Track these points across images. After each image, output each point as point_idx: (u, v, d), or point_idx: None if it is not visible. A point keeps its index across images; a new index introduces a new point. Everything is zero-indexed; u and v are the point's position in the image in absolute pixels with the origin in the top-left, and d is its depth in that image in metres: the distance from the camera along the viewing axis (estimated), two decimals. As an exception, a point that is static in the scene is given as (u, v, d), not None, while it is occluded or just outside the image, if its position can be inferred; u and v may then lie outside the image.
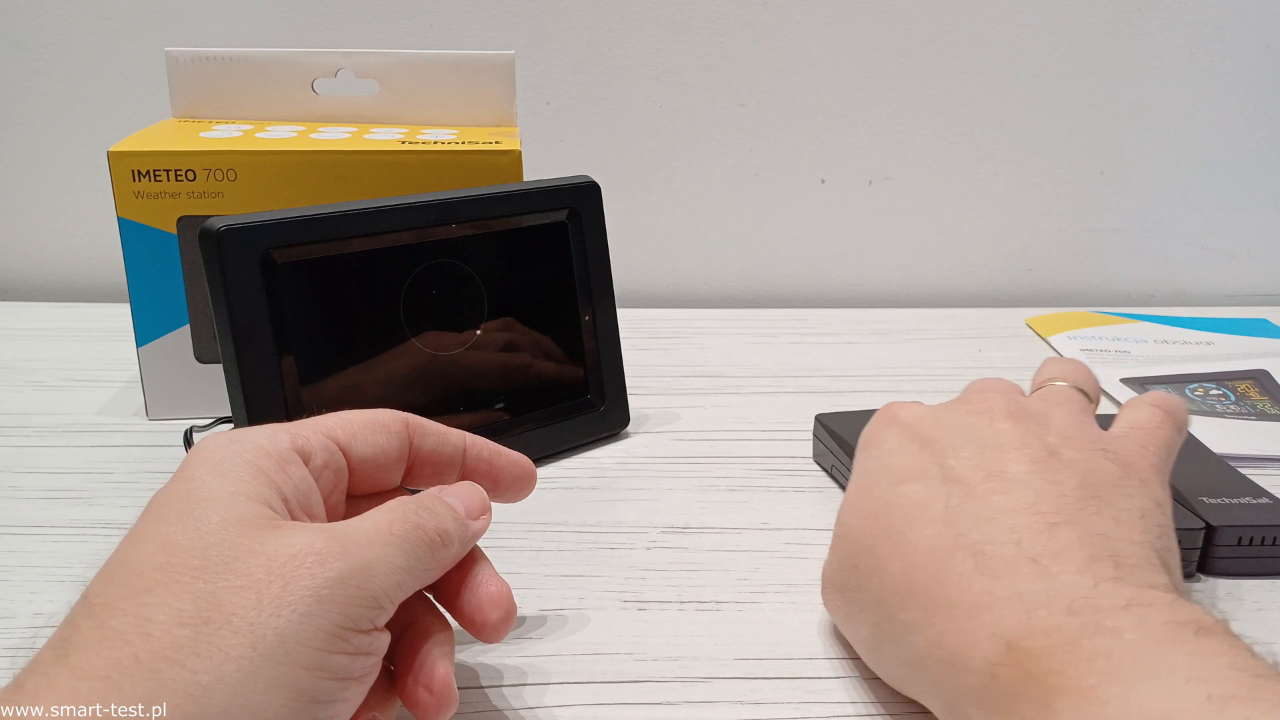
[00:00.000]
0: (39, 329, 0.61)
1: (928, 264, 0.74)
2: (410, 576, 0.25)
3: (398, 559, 0.25)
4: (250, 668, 0.21)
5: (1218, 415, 0.51)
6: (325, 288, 0.39)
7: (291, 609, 0.22)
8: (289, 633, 0.22)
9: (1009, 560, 0.26)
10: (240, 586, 0.22)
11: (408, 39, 0.66)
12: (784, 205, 0.71)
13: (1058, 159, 0.71)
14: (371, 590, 0.24)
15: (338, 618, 0.23)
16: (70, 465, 0.45)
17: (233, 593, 0.22)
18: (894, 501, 0.30)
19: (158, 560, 0.23)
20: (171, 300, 0.48)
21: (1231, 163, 0.72)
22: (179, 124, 0.51)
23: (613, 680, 0.32)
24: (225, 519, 0.24)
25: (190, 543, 0.23)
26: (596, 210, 0.46)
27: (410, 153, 0.47)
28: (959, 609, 0.26)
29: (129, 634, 0.21)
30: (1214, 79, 0.69)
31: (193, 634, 0.21)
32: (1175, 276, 0.75)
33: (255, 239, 0.37)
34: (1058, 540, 0.26)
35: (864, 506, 0.31)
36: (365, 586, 0.24)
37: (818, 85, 0.69)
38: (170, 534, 0.24)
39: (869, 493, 0.31)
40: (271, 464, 0.26)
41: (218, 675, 0.21)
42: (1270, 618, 0.35)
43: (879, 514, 0.30)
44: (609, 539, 0.40)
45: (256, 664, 0.21)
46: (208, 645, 0.21)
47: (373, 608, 0.24)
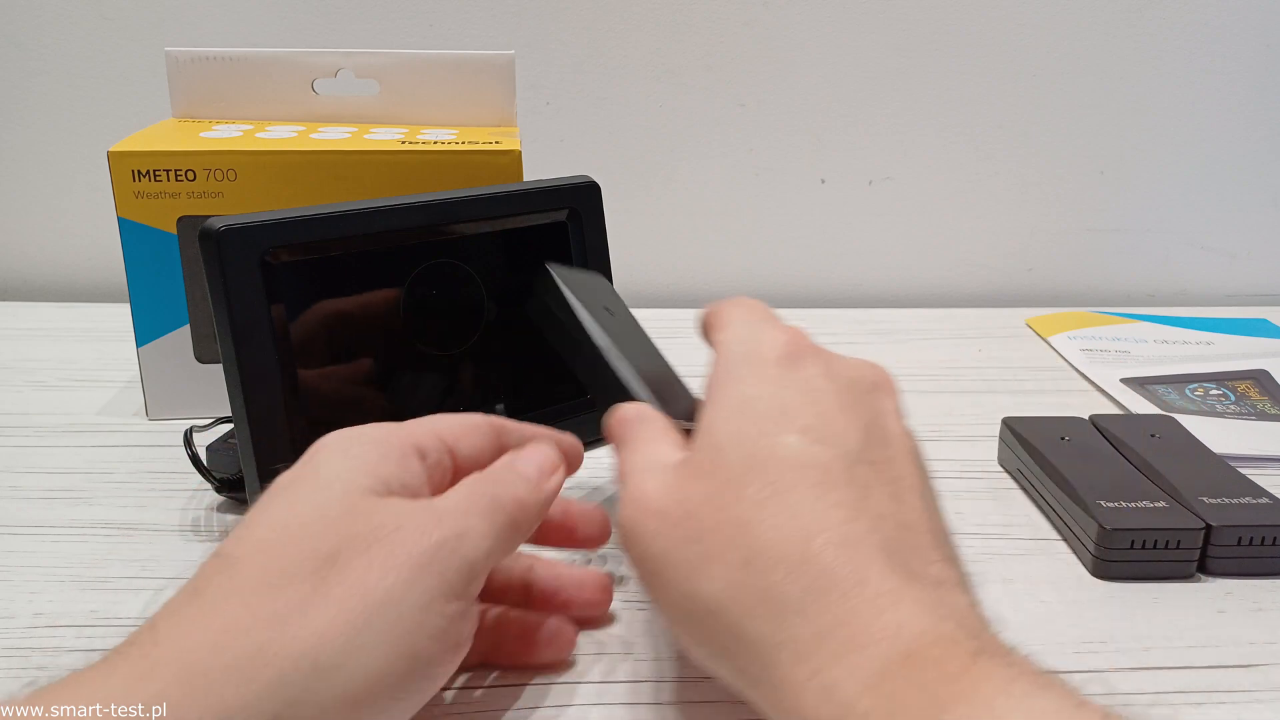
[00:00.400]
0: (39, 329, 0.61)
1: (928, 264, 0.74)
2: (497, 544, 0.27)
3: (483, 527, 0.27)
4: (361, 621, 0.23)
5: (1218, 415, 0.51)
6: (325, 288, 0.39)
7: (397, 573, 0.24)
8: (395, 593, 0.24)
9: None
10: (353, 551, 0.24)
11: (408, 39, 0.66)
12: (784, 205, 0.71)
13: (1058, 159, 0.71)
14: (465, 556, 0.26)
15: (437, 582, 0.25)
16: (70, 465, 0.45)
17: (347, 556, 0.24)
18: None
19: (282, 522, 0.25)
20: (171, 300, 0.48)
21: (1231, 163, 0.72)
22: (179, 124, 0.51)
23: (613, 680, 0.32)
24: (345, 492, 0.26)
25: (312, 511, 0.25)
26: (596, 210, 0.46)
27: (410, 153, 0.47)
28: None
29: (256, 585, 0.24)
30: (1214, 79, 0.69)
31: (311, 589, 0.24)
32: (1175, 276, 0.75)
33: (255, 239, 0.37)
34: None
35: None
36: (459, 553, 0.26)
37: (818, 85, 0.69)
38: (295, 502, 0.26)
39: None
40: (393, 454, 0.28)
41: (332, 626, 0.23)
42: (1270, 618, 0.36)
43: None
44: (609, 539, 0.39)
45: (367, 619, 0.23)
46: (324, 599, 0.23)
47: (467, 574, 0.26)
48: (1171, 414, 0.50)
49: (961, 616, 0.24)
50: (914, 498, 0.27)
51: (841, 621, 0.23)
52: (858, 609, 0.23)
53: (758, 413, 0.27)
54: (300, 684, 0.22)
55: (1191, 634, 0.34)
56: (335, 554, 0.24)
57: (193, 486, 0.43)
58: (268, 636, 0.23)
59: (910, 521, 0.26)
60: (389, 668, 0.24)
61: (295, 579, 0.24)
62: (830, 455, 0.26)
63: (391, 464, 0.27)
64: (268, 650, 0.22)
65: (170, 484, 0.43)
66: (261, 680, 0.22)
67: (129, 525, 0.40)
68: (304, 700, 0.22)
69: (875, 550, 0.24)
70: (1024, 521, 0.42)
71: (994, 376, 0.58)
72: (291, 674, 0.22)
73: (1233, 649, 0.34)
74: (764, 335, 0.30)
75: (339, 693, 0.23)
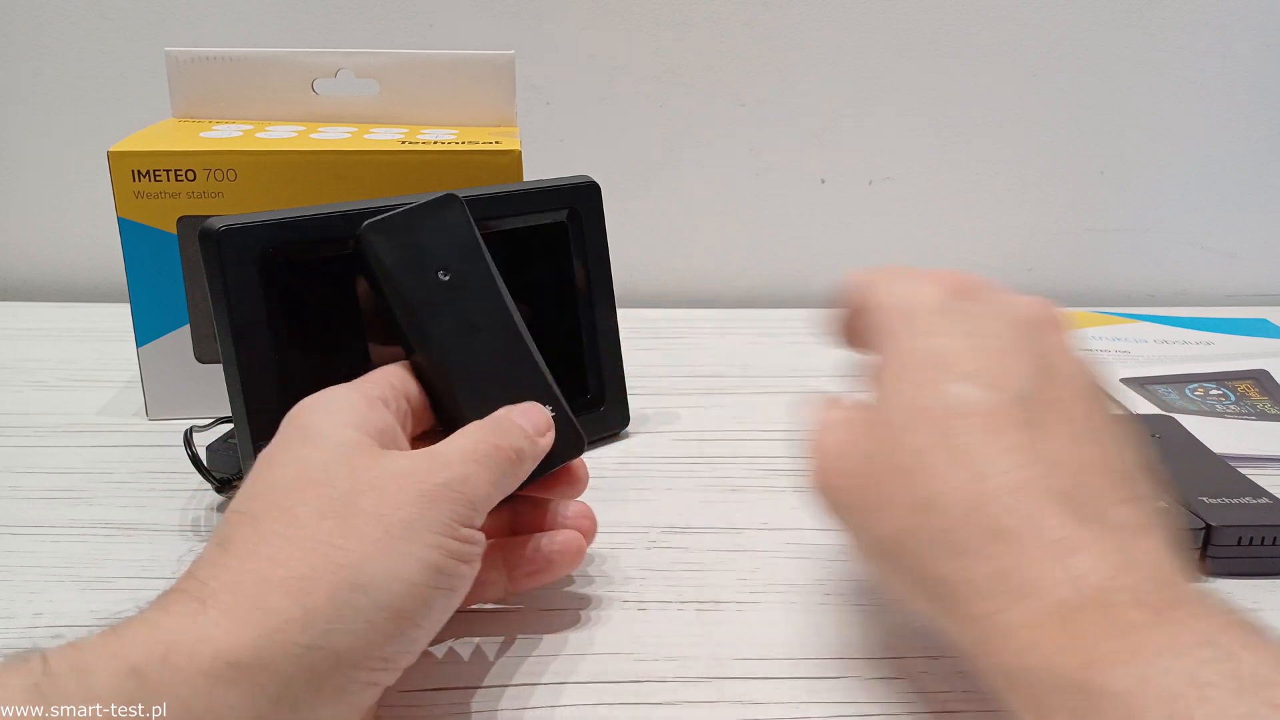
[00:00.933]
0: (39, 329, 0.61)
1: (928, 264, 0.73)
2: (496, 489, 0.30)
3: (485, 474, 0.29)
4: (386, 545, 0.26)
5: (1218, 415, 0.51)
6: (325, 288, 0.39)
7: (411, 505, 0.27)
8: (412, 521, 0.27)
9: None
10: (366, 490, 0.27)
11: (408, 39, 0.66)
12: (784, 205, 0.71)
13: (1058, 159, 0.71)
14: (469, 496, 0.28)
15: (447, 513, 0.27)
16: (70, 465, 0.45)
17: (361, 494, 0.27)
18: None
19: (292, 474, 0.27)
20: (171, 300, 0.48)
21: (1231, 163, 0.72)
22: (179, 124, 0.51)
23: (613, 680, 0.32)
24: (341, 443, 0.28)
25: (316, 461, 0.28)
26: (596, 210, 0.46)
27: (410, 153, 0.47)
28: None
29: (282, 530, 0.26)
30: (1214, 79, 0.69)
31: (335, 524, 0.26)
32: (1175, 276, 0.75)
33: (255, 239, 0.37)
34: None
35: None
36: (464, 493, 0.28)
37: (818, 85, 0.68)
38: (297, 457, 0.28)
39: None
40: (363, 406, 0.30)
41: (362, 552, 0.25)
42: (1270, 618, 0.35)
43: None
44: (609, 539, 0.40)
45: (391, 543, 0.26)
46: (350, 530, 0.26)
47: (471, 509, 0.28)
48: (1171, 414, 0.50)
49: (1149, 565, 0.24)
50: (1092, 437, 0.26)
51: (1017, 567, 0.24)
52: (1033, 556, 0.24)
53: (918, 364, 0.28)
54: (346, 599, 0.25)
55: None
56: (349, 496, 0.27)
57: (193, 486, 0.43)
58: (311, 563, 0.25)
59: (1090, 463, 0.26)
60: (418, 579, 0.26)
61: (319, 519, 0.26)
62: (998, 399, 0.26)
63: (367, 414, 0.30)
64: (315, 573, 0.25)
65: (170, 484, 0.43)
66: (312, 597, 0.24)
67: (129, 525, 0.40)
68: (349, 614, 0.25)
69: (1050, 495, 0.25)
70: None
71: (994, 376, 0.58)
72: (339, 590, 0.25)
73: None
74: (915, 289, 0.30)
75: (381, 604, 0.25)
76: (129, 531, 0.40)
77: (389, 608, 0.25)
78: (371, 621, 0.25)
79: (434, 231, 0.34)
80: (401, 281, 0.33)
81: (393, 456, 0.29)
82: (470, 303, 0.34)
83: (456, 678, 0.32)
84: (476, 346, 0.34)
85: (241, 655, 0.23)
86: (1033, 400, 0.26)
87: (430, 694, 0.31)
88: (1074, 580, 0.23)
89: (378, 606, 0.25)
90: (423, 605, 0.26)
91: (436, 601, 0.27)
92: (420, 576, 0.26)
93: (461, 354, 0.33)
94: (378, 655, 0.25)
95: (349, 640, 0.25)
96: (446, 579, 0.27)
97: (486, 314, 0.34)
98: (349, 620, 0.25)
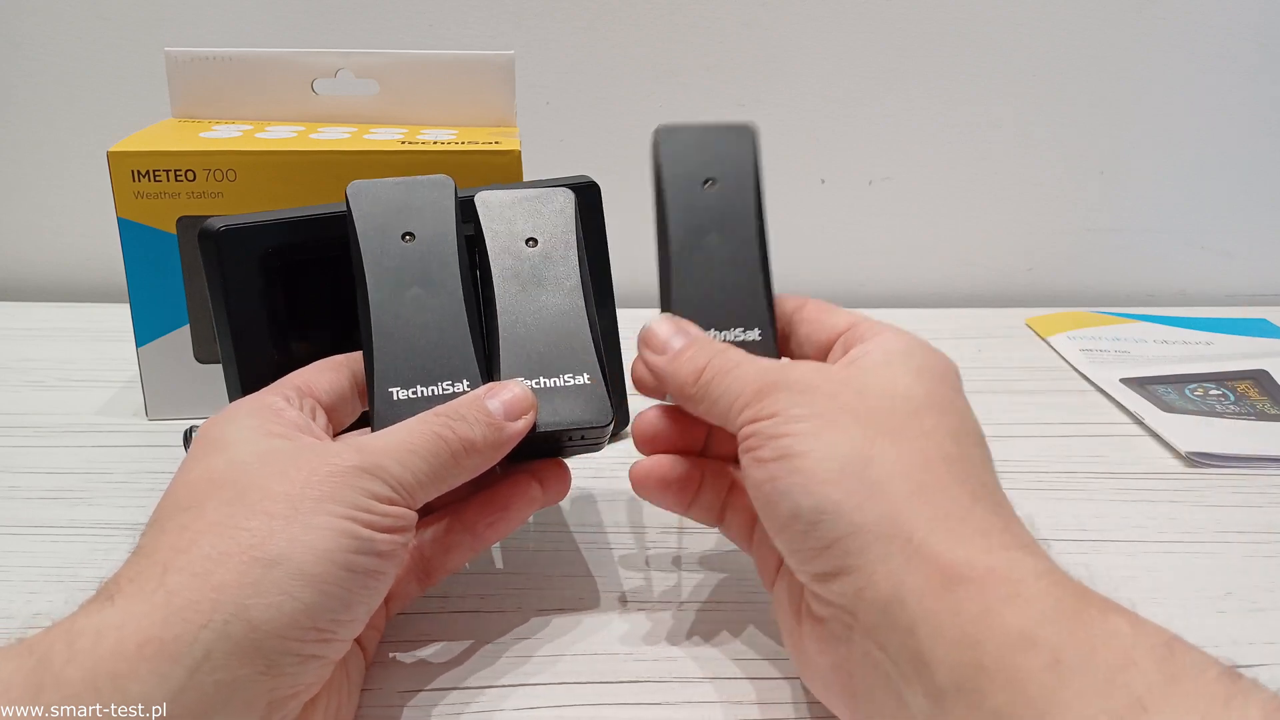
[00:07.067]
0: (38, 329, 0.61)
1: (927, 264, 0.74)
2: (434, 480, 0.29)
3: (419, 465, 0.28)
4: (293, 519, 0.26)
5: (1218, 415, 0.51)
6: (324, 288, 0.39)
7: (320, 483, 0.26)
8: (323, 497, 0.26)
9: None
10: (273, 476, 0.27)
11: (407, 39, 0.66)
12: (784, 205, 0.71)
13: (1058, 159, 0.71)
14: (387, 479, 0.28)
15: (360, 492, 0.27)
16: (69, 465, 0.45)
17: (268, 480, 0.27)
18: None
19: (197, 478, 0.27)
20: (171, 300, 0.48)
21: (1230, 163, 0.72)
22: (179, 124, 0.51)
23: (613, 680, 0.32)
24: (253, 449, 0.28)
25: (221, 464, 0.28)
26: (596, 210, 0.46)
27: (410, 153, 0.47)
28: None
29: (189, 524, 0.26)
30: (1213, 79, 0.69)
31: (241, 509, 0.26)
32: (1174, 276, 0.75)
33: (255, 239, 0.37)
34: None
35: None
36: (380, 477, 0.27)
37: (818, 85, 0.69)
38: (204, 465, 0.28)
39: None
40: (269, 411, 0.30)
41: (269, 529, 0.25)
42: (1270, 617, 0.35)
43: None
44: (609, 539, 0.40)
45: (298, 517, 0.26)
46: (255, 512, 0.26)
47: (391, 491, 0.28)
48: (1172, 414, 0.49)
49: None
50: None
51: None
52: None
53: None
54: (259, 574, 0.25)
55: (1191, 634, 0.34)
56: (256, 484, 0.27)
57: (192, 486, 0.43)
58: (215, 545, 0.25)
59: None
60: (331, 545, 0.26)
61: (224, 507, 0.26)
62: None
63: (273, 418, 0.29)
64: (221, 554, 0.25)
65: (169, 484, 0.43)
66: (221, 575, 0.24)
67: (128, 525, 0.40)
68: (265, 586, 0.25)
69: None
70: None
71: (993, 377, 0.58)
72: (249, 566, 0.25)
73: (1231, 649, 0.34)
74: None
75: (293, 574, 0.25)
76: (128, 532, 0.40)
77: (303, 575, 0.25)
78: (287, 592, 0.25)
79: (416, 197, 0.34)
80: (365, 237, 0.33)
81: (306, 445, 0.28)
82: (426, 266, 0.33)
83: (456, 679, 0.32)
84: (410, 308, 0.33)
85: (151, 632, 0.23)
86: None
87: (430, 694, 0.31)
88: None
89: (290, 576, 0.25)
90: (343, 571, 0.26)
91: (358, 566, 0.26)
92: (332, 543, 0.26)
93: (390, 313, 0.32)
94: (306, 625, 0.25)
95: (267, 613, 0.24)
96: (366, 544, 0.26)
97: (438, 280, 0.33)
98: (265, 593, 0.24)
